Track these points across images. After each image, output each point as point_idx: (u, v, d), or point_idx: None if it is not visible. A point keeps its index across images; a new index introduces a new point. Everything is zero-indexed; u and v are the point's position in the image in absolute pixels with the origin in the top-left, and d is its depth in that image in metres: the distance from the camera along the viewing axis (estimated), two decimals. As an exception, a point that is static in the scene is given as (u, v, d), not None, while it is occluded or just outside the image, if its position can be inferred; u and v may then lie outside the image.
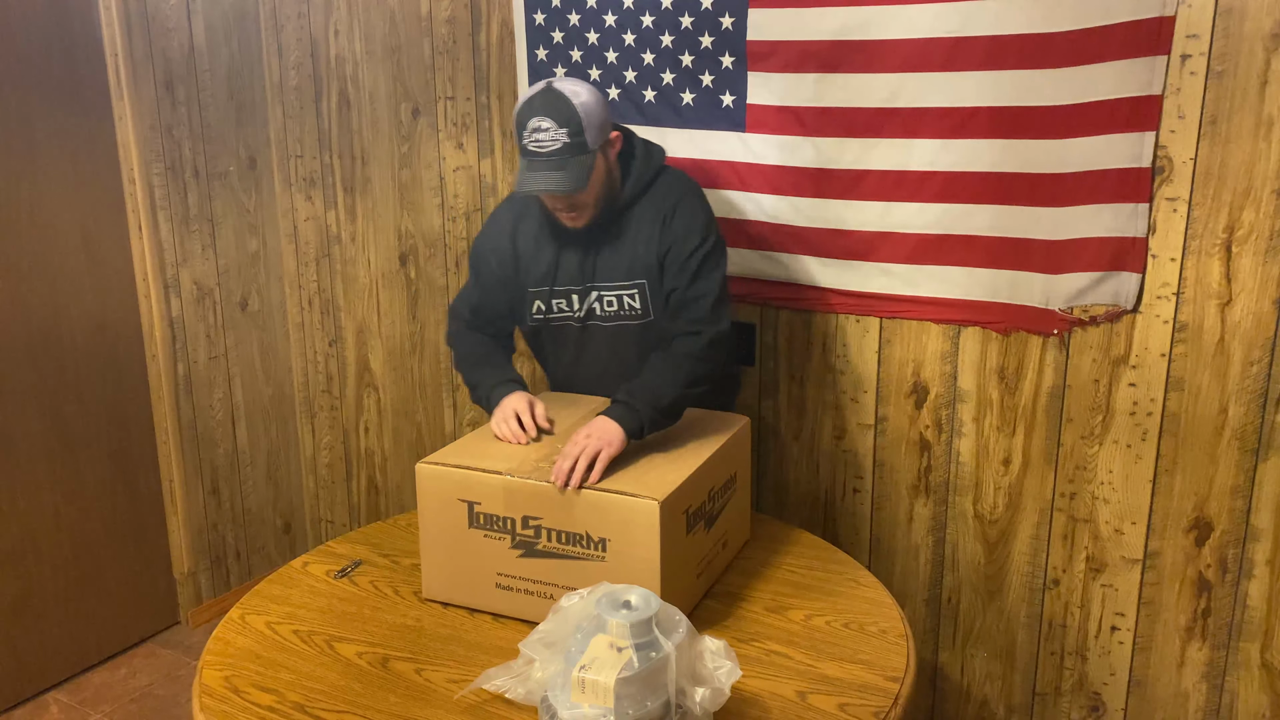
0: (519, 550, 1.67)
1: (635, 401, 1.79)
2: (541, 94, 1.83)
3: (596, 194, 1.91)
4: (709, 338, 1.91)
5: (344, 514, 3.33)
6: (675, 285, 1.94)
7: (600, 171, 1.89)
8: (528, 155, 1.84)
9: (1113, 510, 2.16)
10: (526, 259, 2.03)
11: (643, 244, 1.96)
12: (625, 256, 1.97)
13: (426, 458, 1.74)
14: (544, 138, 1.81)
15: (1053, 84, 2.00)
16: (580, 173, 1.82)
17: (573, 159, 1.82)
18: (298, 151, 3.07)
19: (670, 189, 1.99)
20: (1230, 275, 1.95)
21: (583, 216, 1.92)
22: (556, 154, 1.81)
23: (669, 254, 1.94)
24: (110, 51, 2.73)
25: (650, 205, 1.97)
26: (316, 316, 3.19)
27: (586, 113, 1.82)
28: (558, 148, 1.81)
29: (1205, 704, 2.16)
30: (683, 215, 1.95)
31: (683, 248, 1.93)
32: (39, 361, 2.67)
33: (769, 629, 1.67)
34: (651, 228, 1.95)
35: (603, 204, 1.94)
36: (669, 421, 1.85)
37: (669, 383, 1.85)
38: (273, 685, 1.54)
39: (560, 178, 1.81)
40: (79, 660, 2.86)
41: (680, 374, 1.86)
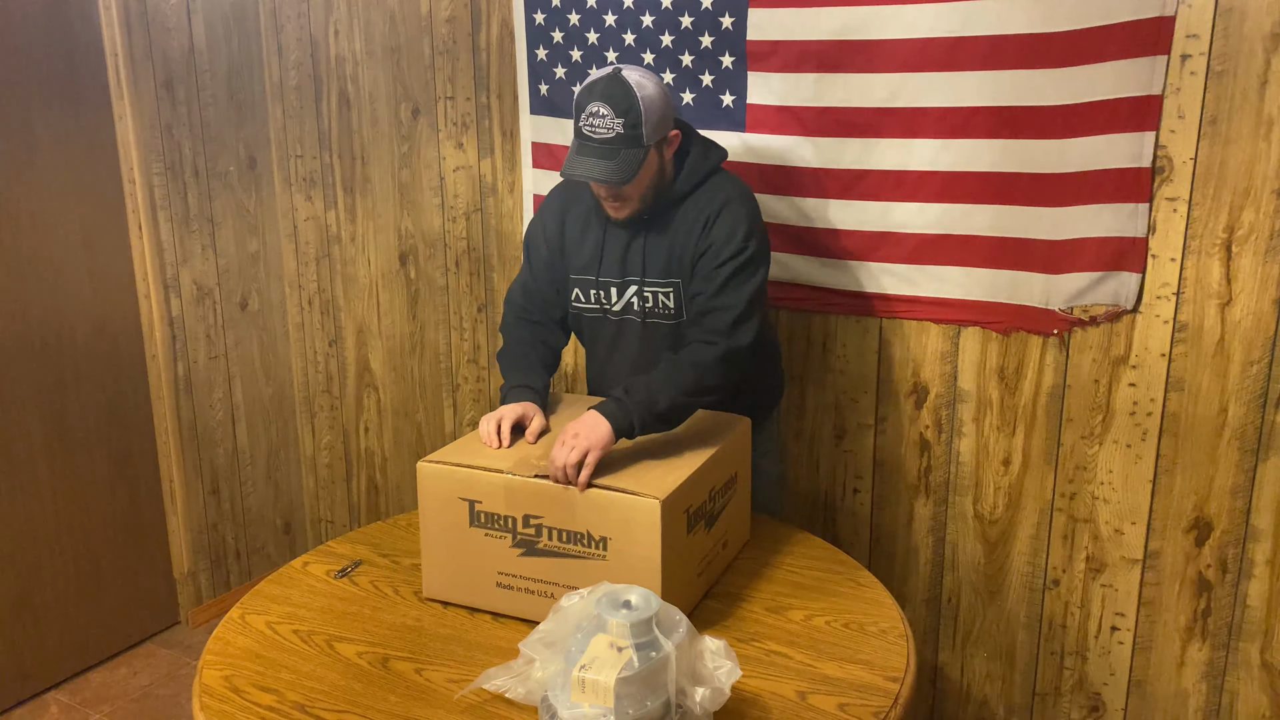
0: (520, 549, 1.67)
1: (630, 401, 1.75)
2: (606, 79, 1.80)
3: (643, 189, 1.87)
4: (723, 351, 1.85)
5: (344, 514, 3.33)
6: (701, 290, 1.89)
7: (652, 167, 1.86)
8: (581, 139, 1.80)
9: (1113, 510, 2.16)
10: (572, 244, 2.01)
11: (681, 243, 1.92)
12: (666, 254, 1.93)
13: (427, 456, 1.74)
14: (599, 124, 1.78)
15: (1053, 84, 2.00)
16: (630, 165, 1.79)
17: (625, 150, 1.79)
18: (298, 151, 3.07)
19: (719, 190, 1.93)
20: (1230, 275, 1.95)
21: (626, 208, 1.89)
22: (609, 142, 1.78)
23: (703, 257, 1.89)
24: (110, 51, 2.73)
25: (696, 204, 1.92)
26: (316, 316, 3.19)
27: (648, 106, 1.79)
28: (611, 136, 1.78)
29: (1205, 704, 2.16)
30: (725, 220, 1.89)
31: (718, 254, 1.87)
32: (39, 361, 2.67)
33: (769, 629, 1.67)
34: (693, 227, 1.91)
35: (650, 199, 1.90)
36: (664, 426, 1.80)
37: (671, 387, 1.80)
38: (273, 685, 1.54)
39: (608, 167, 1.79)
40: (79, 660, 2.86)
41: (685, 381, 1.81)
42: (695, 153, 1.94)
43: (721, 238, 1.88)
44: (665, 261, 1.94)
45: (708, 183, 1.94)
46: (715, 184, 1.94)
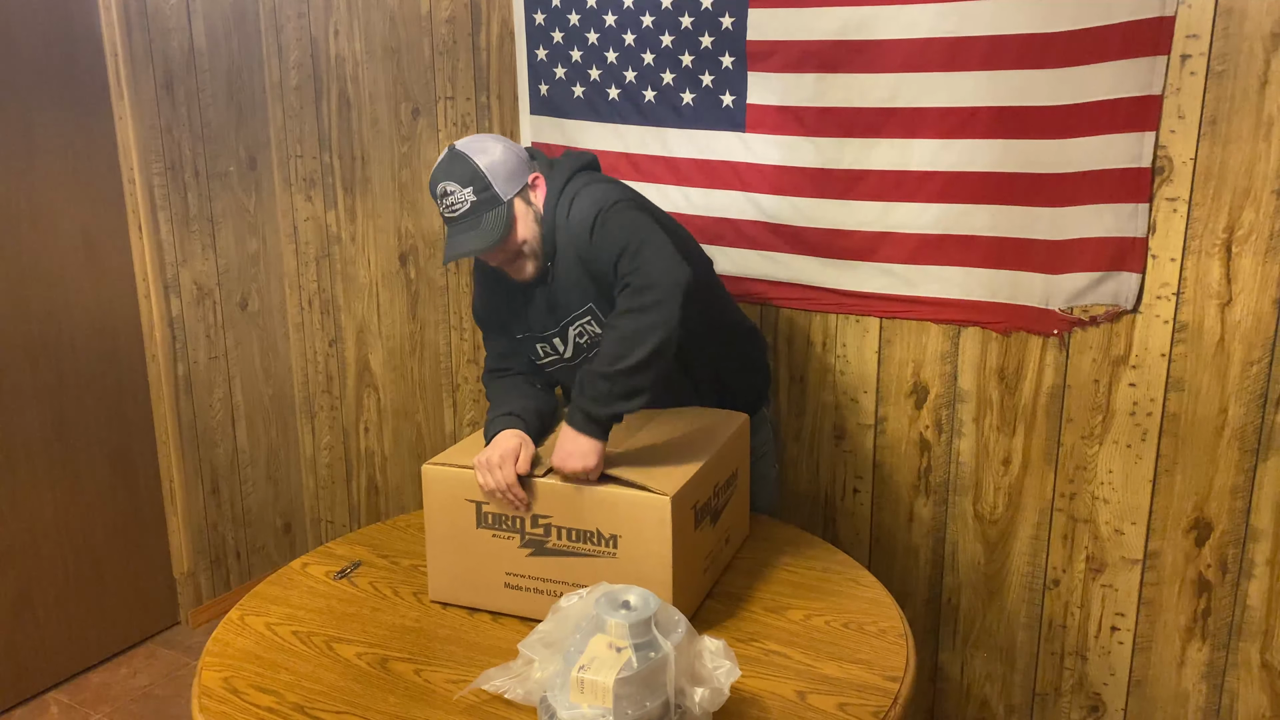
0: (528, 549, 1.67)
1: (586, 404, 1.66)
2: (445, 161, 1.81)
3: (527, 240, 1.82)
4: (636, 285, 1.70)
5: (344, 514, 3.33)
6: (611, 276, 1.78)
7: (526, 217, 1.82)
8: (447, 222, 1.81)
9: (1113, 510, 2.16)
10: (506, 311, 1.98)
11: (575, 267, 1.85)
12: (569, 291, 1.87)
13: (432, 459, 1.74)
14: (454, 201, 1.79)
15: (1053, 84, 1.99)
16: (497, 226, 1.78)
17: (486, 215, 1.78)
18: (298, 151, 3.07)
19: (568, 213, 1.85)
20: (1230, 275, 1.95)
21: (525, 267, 1.85)
22: (468, 214, 1.78)
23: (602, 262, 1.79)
24: (110, 51, 2.73)
25: (568, 234, 1.84)
26: (316, 316, 3.19)
27: (491, 166, 1.78)
28: (467, 208, 1.78)
29: (1205, 704, 2.16)
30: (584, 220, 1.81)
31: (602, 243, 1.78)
32: (39, 361, 2.68)
33: (769, 629, 1.67)
34: (574, 249, 1.83)
35: (543, 248, 1.85)
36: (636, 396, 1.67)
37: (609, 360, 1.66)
38: (272, 686, 1.54)
39: (475, 237, 1.78)
40: (79, 660, 2.86)
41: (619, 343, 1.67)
42: (550, 189, 1.87)
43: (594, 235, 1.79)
44: (570, 299, 1.88)
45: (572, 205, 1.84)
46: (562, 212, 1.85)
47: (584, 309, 1.88)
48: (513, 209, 1.80)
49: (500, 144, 1.83)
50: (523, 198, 1.83)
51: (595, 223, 1.79)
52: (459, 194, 1.78)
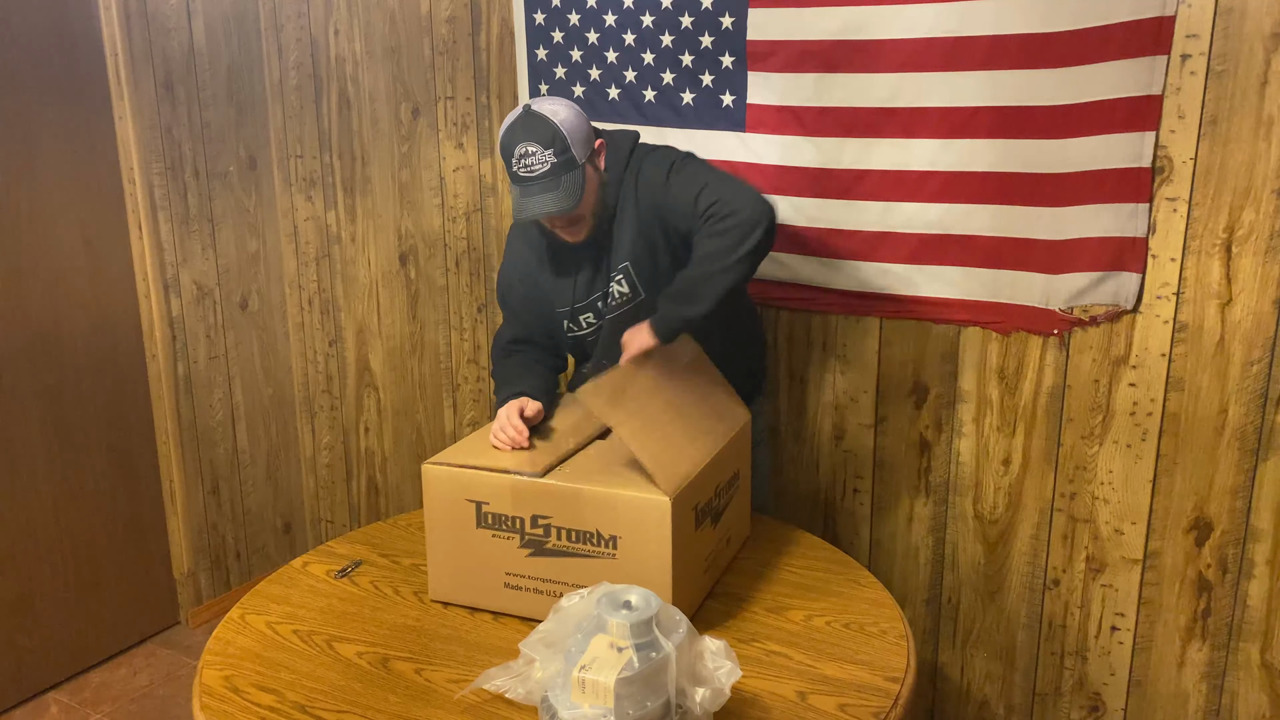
0: (528, 549, 1.67)
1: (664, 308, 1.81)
2: (522, 119, 1.83)
3: (591, 206, 1.90)
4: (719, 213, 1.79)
5: (344, 514, 3.33)
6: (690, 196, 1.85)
7: (593, 182, 1.89)
8: (520, 182, 1.83)
9: (1113, 510, 2.16)
10: (549, 284, 2.03)
11: (629, 229, 1.93)
12: (617, 249, 1.96)
13: (432, 458, 1.74)
14: (533, 161, 1.81)
15: (1053, 84, 2.00)
16: (574, 189, 1.83)
17: (565, 176, 1.82)
18: (298, 151, 3.07)
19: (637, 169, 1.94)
20: (1230, 275, 1.95)
21: (581, 230, 1.92)
22: (547, 175, 1.81)
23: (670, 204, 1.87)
24: (110, 51, 2.73)
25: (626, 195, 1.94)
26: (316, 316, 3.19)
27: (569, 129, 1.82)
28: (547, 169, 1.81)
29: (1205, 704, 2.16)
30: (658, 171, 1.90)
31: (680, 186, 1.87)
32: (39, 361, 2.67)
33: (769, 629, 1.67)
34: (646, 202, 1.91)
35: (598, 213, 1.93)
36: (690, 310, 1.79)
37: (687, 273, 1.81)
38: (273, 685, 1.54)
39: (556, 198, 1.81)
40: (79, 660, 2.86)
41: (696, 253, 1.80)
42: (610, 156, 1.94)
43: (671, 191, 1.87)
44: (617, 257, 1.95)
45: (641, 167, 1.93)
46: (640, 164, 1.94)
47: (618, 270, 1.95)
48: (586, 171, 1.85)
49: (572, 108, 1.87)
50: (592, 162, 1.89)
51: (671, 169, 1.88)
52: (540, 155, 1.80)
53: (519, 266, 2.08)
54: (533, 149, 1.80)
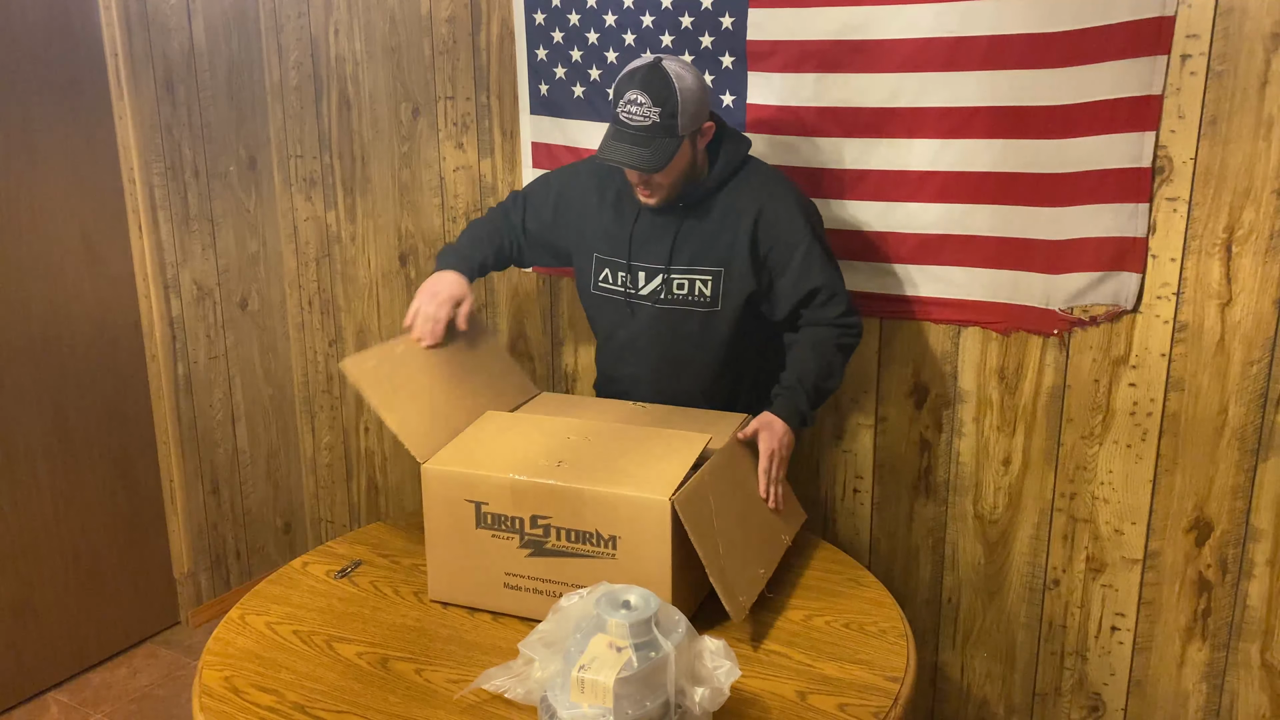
0: (528, 550, 1.67)
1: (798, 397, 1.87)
2: (647, 69, 1.83)
3: (675, 178, 1.90)
4: (855, 329, 1.97)
5: (344, 514, 3.33)
6: (802, 286, 1.94)
7: (685, 157, 1.89)
8: (617, 124, 1.84)
9: (1113, 510, 2.16)
10: (597, 222, 2.04)
11: (729, 233, 1.94)
12: (706, 243, 1.96)
13: (431, 459, 1.74)
14: (636, 112, 1.81)
15: (1053, 84, 2.00)
16: (663, 154, 1.83)
17: (659, 139, 1.82)
18: (298, 151, 3.07)
19: (761, 180, 1.98)
20: (1230, 275, 1.95)
21: (656, 195, 1.93)
22: (645, 130, 1.82)
23: (772, 257, 1.94)
24: (110, 51, 2.73)
25: (738, 194, 1.95)
26: (316, 316, 3.19)
27: (685, 97, 1.82)
28: (647, 125, 1.81)
29: (1205, 704, 2.16)
30: (779, 213, 1.94)
31: (790, 249, 1.93)
32: (39, 361, 2.68)
33: (769, 629, 1.67)
34: (742, 218, 1.94)
35: (680, 188, 1.93)
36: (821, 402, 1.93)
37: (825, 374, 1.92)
38: (273, 685, 1.54)
39: (642, 154, 1.82)
40: (79, 660, 2.86)
41: (824, 363, 1.92)
42: (729, 144, 1.97)
43: (787, 229, 1.94)
44: (703, 250, 1.97)
45: (743, 172, 1.98)
46: (753, 173, 1.99)
47: (711, 270, 1.96)
48: (681, 145, 1.85)
49: (697, 79, 1.87)
50: (692, 139, 1.88)
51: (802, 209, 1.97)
52: (646, 109, 1.81)
53: (575, 184, 2.09)
54: (643, 100, 1.81)
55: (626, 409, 1.99)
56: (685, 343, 2.03)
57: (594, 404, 2.04)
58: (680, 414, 1.97)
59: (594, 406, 2.01)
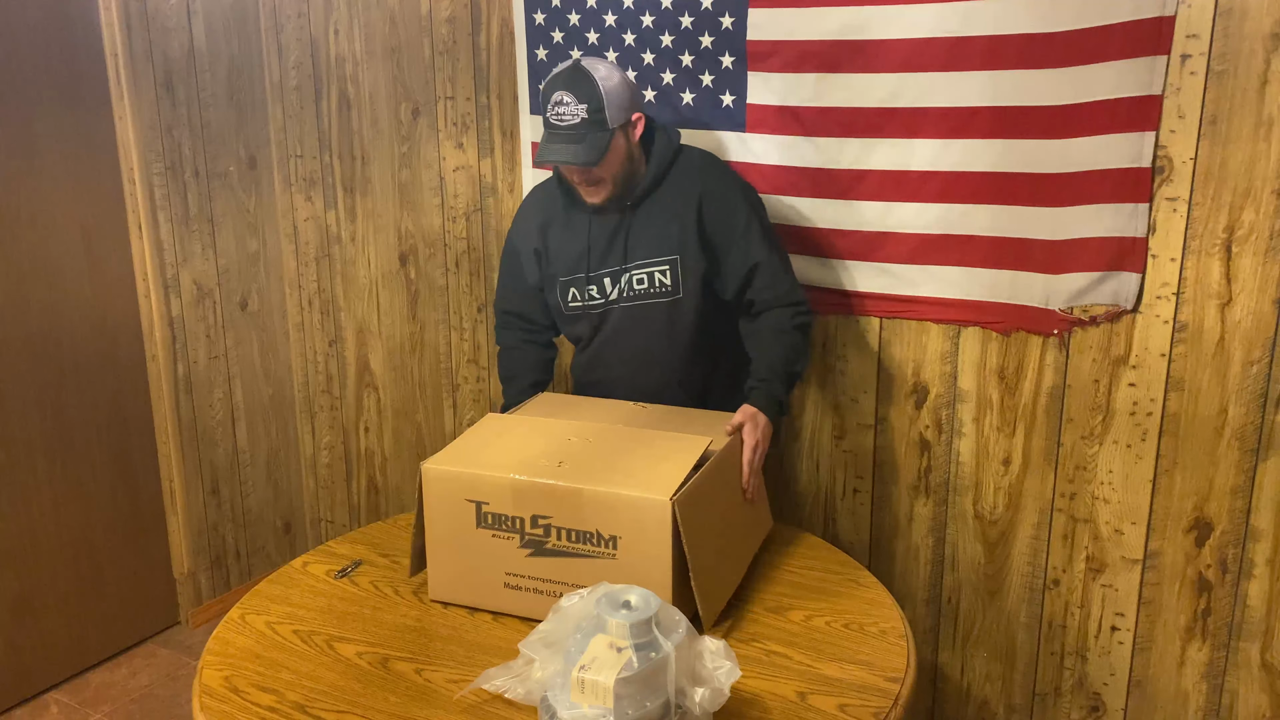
0: (528, 549, 1.67)
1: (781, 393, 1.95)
2: (568, 71, 1.92)
3: (615, 171, 1.97)
4: (801, 297, 2.04)
5: (344, 514, 3.33)
6: (742, 261, 2.01)
7: (620, 151, 1.96)
8: (549, 128, 1.92)
9: (1113, 510, 2.16)
10: (556, 250, 2.10)
11: (677, 220, 2.02)
12: (656, 234, 2.03)
13: (430, 458, 1.74)
14: (565, 112, 1.90)
15: (1053, 84, 2.00)
16: (597, 148, 1.90)
17: (591, 134, 1.90)
18: (298, 151, 3.07)
19: (700, 164, 2.07)
20: (1230, 275, 1.95)
21: (601, 192, 1.99)
22: (575, 128, 1.90)
23: (716, 235, 2.01)
24: (110, 51, 2.73)
25: (679, 181, 2.03)
26: (316, 316, 3.19)
27: (608, 92, 1.90)
28: (576, 123, 1.89)
29: (1205, 704, 2.16)
30: (719, 193, 2.03)
31: (732, 226, 2.01)
32: (39, 361, 2.67)
33: (769, 629, 1.67)
34: (687, 206, 2.01)
35: (622, 183, 2.00)
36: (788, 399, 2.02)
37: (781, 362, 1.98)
38: (273, 685, 1.54)
39: (576, 150, 1.90)
40: (79, 660, 2.86)
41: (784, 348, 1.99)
42: (660, 138, 2.05)
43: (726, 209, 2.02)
44: (656, 241, 2.03)
45: (678, 161, 2.05)
46: (687, 161, 2.07)
47: (666, 259, 2.03)
48: (613, 138, 1.93)
49: (620, 74, 1.96)
50: (624, 131, 1.96)
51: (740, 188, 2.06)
52: (573, 107, 1.89)
53: (525, 226, 2.17)
54: (568, 99, 1.89)
55: (626, 409, 1.99)
56: (655, 337, 2.09)
57: (593, 404, 2.04)
58: (680, 414, 1.97)
59: (593, 407, 2.01)
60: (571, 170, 1.97)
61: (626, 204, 2.03)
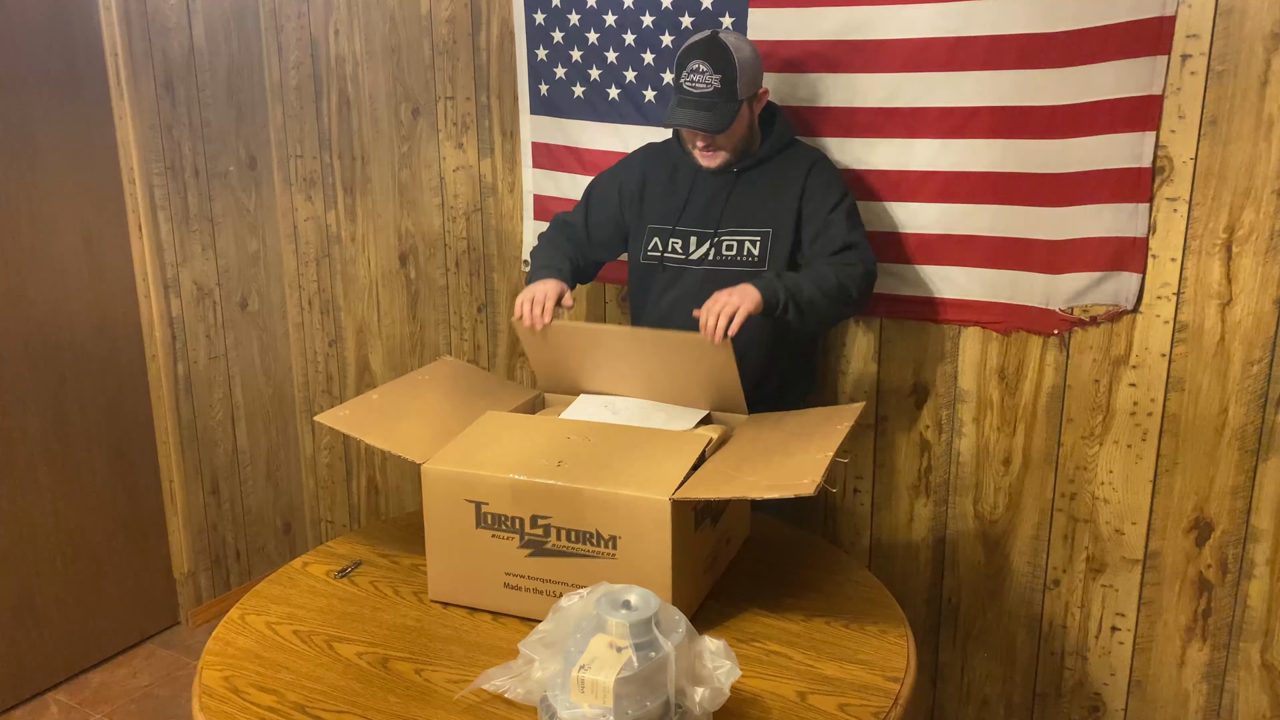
0: (528, 550, 1.67)
1: (780, 281, 1.90)
2: (706, 40, 1.97)
3: (736, 140, 2.03)
4: (865, 269, 2.00)
5: (344, 514, 3.34)
6: (828, 231, 2.03)
7: (743, 121, 2.01)
8: (681, 93, 1.98)
9: (1113, 510, 2.16)
10: (653, 198, 2.15)
11: (776, 197, 2.06)
12: (756, 206, 2.07)
13: (430, 459, 1.74)
14: (699, 80, 1.95)
15: (1053, 84, 2.00)
16: (726, 116, 1.96)
17: (721, 103, 1.96)
18: (298, 151, 3.07)
19: (809, 154, 2.11)
20: (1230, 275, 1.95)
21: (719, 157, 2.05)
22: (707, 96, 1.95)
23: (811, 204, 2.05)
24: (110, 51, 2.73)
25: (786, 163, 2.08)
26: (316, 316, 3.19)
27: (742, 65, 1.95)
28: (709, 91, 1.95)
29: (1205, 704, 2.16)
30: (822, 172, 2.08)
31: (826, 198, 2.04)
32: (39, 361, 2.67)
33: (769, 629, 1.67)
34: (789, 184, 2.06)
35: (739, 151, 2.06)
36: (800, 319, 1.91)
37: (815, 282, 1.93)
38: (273, 685, 1.54)
39: (707, 117, 1.96)
40: (79, 660, 2.86)
41: (828, 282, 1.94)
42: (780, 120, 2.11)
43: (823, 186, 2.06)
44: (753, 212, 2.08)
45: (792, 147, 2.11)
46: (800, 148, 2.13)
47: (760, 230, 2.07)
48: (741, 107, 1.98)
49: (750, 47, 2.01)
50: (749, 104, 2.02)
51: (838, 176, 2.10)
52: (708, 76, 1.95)
53: (631, 167, 2.22)
54: (704, 69, 1.95)
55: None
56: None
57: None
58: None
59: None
60: (695, 135, 2.03)
61: (734, 170, 2.08)
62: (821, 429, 1.75)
